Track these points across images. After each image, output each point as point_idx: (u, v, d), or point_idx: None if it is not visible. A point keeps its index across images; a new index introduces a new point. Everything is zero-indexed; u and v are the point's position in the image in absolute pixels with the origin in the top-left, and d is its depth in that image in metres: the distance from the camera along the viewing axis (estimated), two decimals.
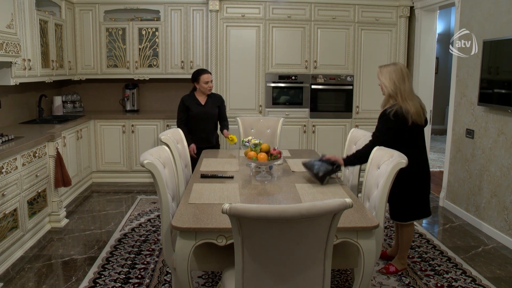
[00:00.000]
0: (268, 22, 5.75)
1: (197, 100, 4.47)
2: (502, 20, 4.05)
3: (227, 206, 1.78)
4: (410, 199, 3.22)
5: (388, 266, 3.39)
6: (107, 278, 3.25)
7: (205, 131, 4.48)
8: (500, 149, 4.10)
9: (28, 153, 3.80)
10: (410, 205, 3.23)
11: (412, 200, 3.23)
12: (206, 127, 4.49)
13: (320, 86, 5.92)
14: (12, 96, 4.91)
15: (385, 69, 3.22)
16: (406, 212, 3.25)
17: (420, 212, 3.28)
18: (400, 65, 3.22)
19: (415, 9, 5.78)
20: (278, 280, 1.94)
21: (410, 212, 3.25)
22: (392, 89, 3.15)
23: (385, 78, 3.19)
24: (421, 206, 3.26)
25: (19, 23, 4.20)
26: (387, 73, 3.18)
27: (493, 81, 4.14)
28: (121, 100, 6.40)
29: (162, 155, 2.78)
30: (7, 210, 3.43)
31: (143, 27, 5.91)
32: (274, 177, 3.23)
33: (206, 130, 4.49)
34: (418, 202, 3.24)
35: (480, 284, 3.23)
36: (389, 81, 3.16)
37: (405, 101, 3.10)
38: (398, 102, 3.12)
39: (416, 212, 3.26)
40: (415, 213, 3.26)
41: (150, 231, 4.18)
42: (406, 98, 3.11)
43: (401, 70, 3.17)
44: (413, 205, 3.24)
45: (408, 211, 3.24)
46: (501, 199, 4.07)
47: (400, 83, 3.13)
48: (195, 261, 2.52)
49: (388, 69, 3.20)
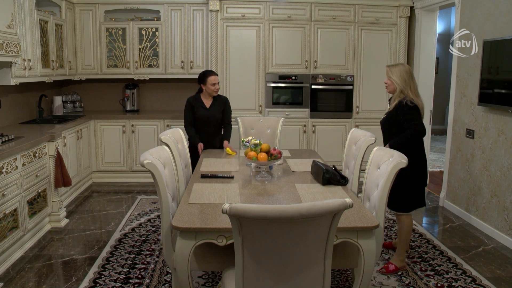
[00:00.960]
0: (268, 22, 5.75)
1: (202, 103, 4.43)
2: (502, 20, 4.05)
3: (227, 206, 1.78)
4: (415, 190, 3.40)
5: (387, 265, 3.39)
6: (107, 278, 3.25)
7: (207, 134, 4.44)
8: (500, 149, 4.10)
9: (28, 153, 3.80)
10: (412, 196, 3.41)
11: (415, 191, 3.41)
12: (209, 130, 4.45)
13: (320, 86, 5.92)
14: (12, 96, 4.92)
15: (396, 68, 3.43)
16: (409, 203, 3.41)
17: (420, 202, 3.46)
18: (407, 65, 3.48)
19: (415, 9, 5.78)
20: (278, 280, 1.94)
21: (412, 202, 3.42)
22: (404, 86, 3.36)
23: (396, 76, 3.38)
24: (421, 197, 3.46)
25: (19, 23, 4.20)
26: (398, 71, 3.39)
27: (493, 81, 4.14)
28: (121, 100, 6.40)
29: (162, 155, 2.78)
30: (7, 210, 3.43)
31: (143, 27, 5.91)
32: (274, 177, 3.23)
33: (209, 133, 4.45)
34: (419, 193, 3.44)
35: (480, 284, 3.23)
36: (400, 78, 3.37)
37: (415, 97, 3.35)
38: (409, 96, 3.35)
39: (417, 202, 3.44)
40: (416, 203, 3.44)
41: (150, 231, 4.18)
42: (415, 94, 3.37)
43: (410, 69, 3.43)
44: (415, 195, 3.42)
45: (410, 201, 3.41)
46: (501, 199, 4.07)
47: (409, 81, 3.37)
48: (195, 261, 2.52)
49: (399, 68, 3.41)
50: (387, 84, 3.46)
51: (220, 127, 4.56)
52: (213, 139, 4.48)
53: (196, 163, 3.86)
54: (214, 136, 4.49)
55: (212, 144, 4.46)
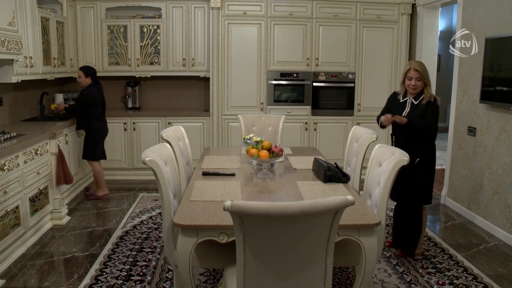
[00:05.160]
0: (270, 19, 5.74)
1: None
2: (504, 17, 4.04)
3: (229, 204, 1.78)
4: (432, 182, 3.54)
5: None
6: (109, 275, 3.26)
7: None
8: (502, 147, 4.09)
9: (30, 150, 3.80)
10: (431, 188, 3.55)
11: (432, 183, 3.56)
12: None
13: (321, 83, 5.91)
14: (14, 94, 4.92)
15: (424, 67, 3.46)
16: (430, 195, 3.55)
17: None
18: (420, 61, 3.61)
19: (417, 7, 5.76)
20: (279, 278, 1.94)
21: (430, 194, 3.56)
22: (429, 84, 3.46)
23: (427, 75, 3.44)
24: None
25: (20, 21, 4.19)
26: (426, 70, 3.45)
27: (495, 78, 4.12)
28: (123, 97, 6.40)
29: (163, 152, 2.78)
30: (9, 208, 3.44)
31: (144, 24, 5.91)
32: (276, 175, 3.23)
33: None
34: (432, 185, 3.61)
35: (482, 282, 3.23)
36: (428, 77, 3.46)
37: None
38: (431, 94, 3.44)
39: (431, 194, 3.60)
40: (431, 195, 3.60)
41: (151, 229, 4.18)
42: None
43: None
44: (432, 187, 3.57)
45: (430, 193, 3.55)
46: (502, 196, 4.07)
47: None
48: (196, 259, 2.52)
49: (423, 66, 3.47)
50: (416, 86, 3.41)
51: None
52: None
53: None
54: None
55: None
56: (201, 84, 6.43)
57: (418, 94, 3.44)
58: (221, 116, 5.87)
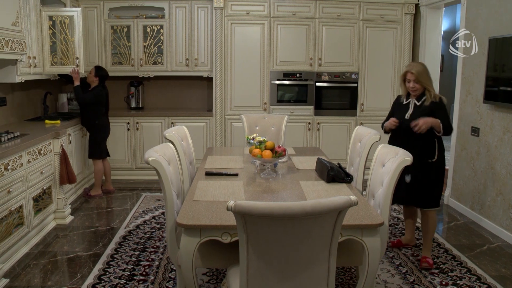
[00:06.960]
0: (273, 19, 5.74)
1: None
2: (508, 17, 4.03)
3: (232, 203, 1.78)
4: (441, 184, 3.48)
5: (426, 260, 3.46)
6: (112, 275, 3.26)
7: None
8: (505, 147, 4.07)
9: (34, 150, 3.81)
10: (440, 190, 3.49)
11: (441, 186, 3.49)
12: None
13: (324, 83, 5.91)
14: (18, 94, 4.94)
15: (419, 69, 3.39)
16: (439, 196, 3.48)
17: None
18: (421, 62, 3.62)
19: (421, 7, 5.75)
20: (282, 278, 1.94)
21: (439, 196, 3.49)
22: (430, 84, 3.41)
23: (425, 79, 3.37)
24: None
25: (24, 21, 4.21)
26: (423, 73, 3.38)
27: (499, 78, 4.11)
28: (126, 97, 6.41)
29: (167, 152, 2.79)
30: (12, 207, 3.45)
31: (147, 24, 5.92)
32: (279, 175, 3.23)
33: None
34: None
35: (485, 283, 3.22)
36: (428, 79, 3.39)
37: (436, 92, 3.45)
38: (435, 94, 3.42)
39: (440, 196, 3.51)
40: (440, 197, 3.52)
41: (154, 228, 4.19)
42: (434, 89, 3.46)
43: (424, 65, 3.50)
44: (441, 190, 3.51)
45: (439, 196, 3.48)
46: (506, 197, 4.05)
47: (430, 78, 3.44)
48: (199, 258, 2.53)
49: (420, 67, 3.40)
50: (415, 88, 3.39)
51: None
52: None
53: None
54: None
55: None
56: (204, 84, 6.43)
57: (420, 95, 3.43)
58: (224, 116, 5.87)
